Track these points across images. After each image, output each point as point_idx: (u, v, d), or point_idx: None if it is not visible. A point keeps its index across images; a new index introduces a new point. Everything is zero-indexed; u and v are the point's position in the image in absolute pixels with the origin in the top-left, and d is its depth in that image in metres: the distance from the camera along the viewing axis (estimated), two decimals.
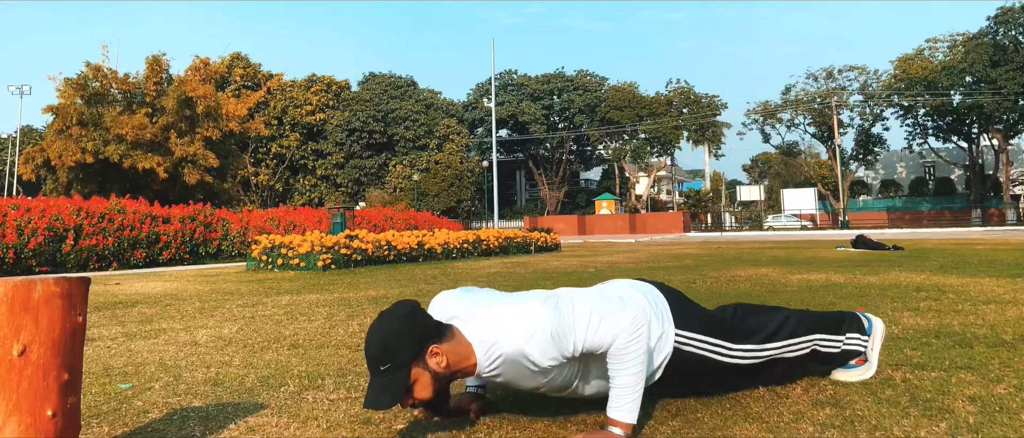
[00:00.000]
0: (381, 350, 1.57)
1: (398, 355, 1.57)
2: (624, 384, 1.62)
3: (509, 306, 1.68)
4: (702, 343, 1.88)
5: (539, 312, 1.63)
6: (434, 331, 1.63)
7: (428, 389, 1.61)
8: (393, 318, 1.61)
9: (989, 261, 7.54)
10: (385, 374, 1.57)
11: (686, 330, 1.87)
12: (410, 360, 1.58)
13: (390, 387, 1.57)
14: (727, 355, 1.90)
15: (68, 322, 1.37)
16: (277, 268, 8.77)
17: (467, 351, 1.64)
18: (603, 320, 1.63)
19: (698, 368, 1.88)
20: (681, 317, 1.89)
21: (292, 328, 3.55)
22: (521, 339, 1.62)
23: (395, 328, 1.59)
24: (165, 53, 23.44)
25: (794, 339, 2.00)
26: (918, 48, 44.73)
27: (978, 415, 1.76)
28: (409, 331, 1.59)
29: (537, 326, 1.61)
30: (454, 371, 1.64)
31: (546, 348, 1.61)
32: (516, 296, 1.75)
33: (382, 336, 1.59)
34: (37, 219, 9.83)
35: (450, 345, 1.63)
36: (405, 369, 1.58)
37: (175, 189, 21.75)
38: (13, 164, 45.33)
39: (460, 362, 1.64)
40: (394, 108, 49.11)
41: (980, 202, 45.62)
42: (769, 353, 1.97)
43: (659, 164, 52.78)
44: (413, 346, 1.58)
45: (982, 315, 3.45)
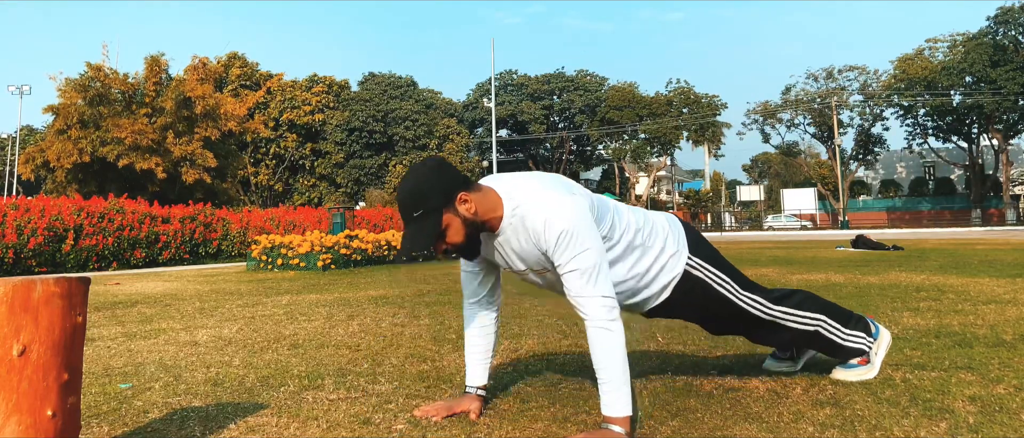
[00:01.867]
0: (413, 196, 1.64)
1: (429, 200, 1.63)
2: (611, 378, 1.63)
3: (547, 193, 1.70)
4: (712, 273, 1.96)
5: (568, 212, 1.66)
6: (463, 181, 1.69)
7: (460, 233, 1.67)
8: (423, 167, 1.68)
9: (989, 261, 7.54)
10: (418, 220, 1.64)
11: (699, 258, 1.96)
12: (441, 205, 1.64)
13: (423, 232, 1.64)
14: (733, 293, 1.97)
15: (68, 322, 1.37)
16: (277, 268, 8.77)
17: (495, 202, 1.71)
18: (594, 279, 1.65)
19: (704, 296, 1.96)
20: (697, 248, 1.97)
21: (292, 328, 3.55)
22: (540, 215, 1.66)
23: (425, 176, 1.66)
24: (164, 53, 23.46)
25: (801, 311, 2.04)
26: (918, 48, 44.74)
27: (978, 415, 1.76)
28: (438, 178, 1.66)
29: (558, 216, 1.65)
30: (483, 220, 1.70)
31: (550, 237, 1.66)
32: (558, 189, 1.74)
33: (414, 183, 1.66)
34: (37, 219, 9.83)
35: (479, 195, 1.69)
36: (437, 214, 1.64)
37: (174, 189, 21.74)
38: (13, 164, 45.32)
39: (488, 211, 1.70)
40: (394, 108, 49.10)
41: (980, 202, 45.62)
42: (774, 314, 2.01)
43: (659, 164, 52.76)
44: (444, 191, 1.65)
45: (982, 315, 3.45)
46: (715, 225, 49.71)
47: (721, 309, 1.99)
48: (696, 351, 2.72)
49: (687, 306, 1.99)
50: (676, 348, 2.79)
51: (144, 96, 22.49)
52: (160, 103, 22.33)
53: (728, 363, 2.47)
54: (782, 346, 2.21)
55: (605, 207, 1.82)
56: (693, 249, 1.96)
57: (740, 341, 2.87)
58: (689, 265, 1.93)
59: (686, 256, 1.93)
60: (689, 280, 1.93)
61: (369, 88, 50.96)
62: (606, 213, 1.81)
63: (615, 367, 1.63)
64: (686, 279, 1.92)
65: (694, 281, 1.93)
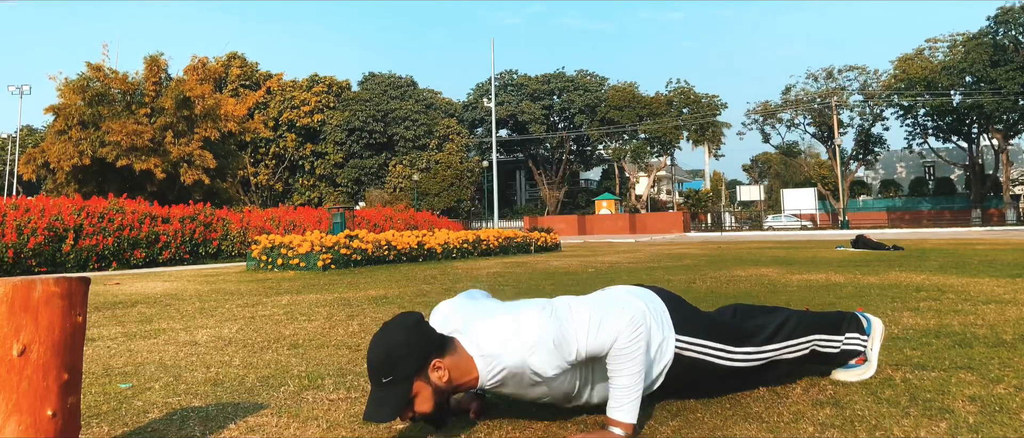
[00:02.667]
0: (384, 362, 1.56)
1: (401, 368, 1.56)
2: (624, 384, 1.62)
3: (509, 316, 1.66)
4: (703, 348, 1.87)
5: (539, 321, 1.62)
6: (437, 345, 1.62)
7: (429, 403, 1.60)
8: (397, 330, 1.60)
9: (989, 261, 7.54)
10: (387, 387, 1.56)
11: (687, 335, 1.86)
12: (413, 374, 1.57)
13: (391, 400, 1.56)
14: (728, 359, 1.90)
15: (68, 322, 1.37)
16: (277, 268, 8.77)
17: (469, 365, 1.63)
18: (603, 322, 1.63)
19: (699, 373, 1.88)
20: (681, 322, 1.88)
21: (292, 328, 3.55)
22: (524, 351, 1.61)
23: (399, 340, 1.58)
24: (163, 53, 23.46)
25: (793, 340, 2.00)
26: (918, 48, 44.74)
27: (978, 415, 1.76)
28: (413, 344, 1.58)
29: (538, 336, 1.60)
30: (456, 385, 1.63)
31: (549, 357, 1.61)
32: (515, 305, 1.74)
33: (386, 348, 1.58)
34: (37, 219, 9.83)
35: (452, 359, 1.62)
36: (407, 383, 1.57)
37: (173, 189, 21.74)
38: (13, 164, 45.32)
39: (462, 376, 1.63)
40: (394, 108, 49.10)
41: (980, 202, 45.62)
42: (769, 355, 1.96)
43: (659, 164, 52.77)
44: (416, 360, 1.57)
45: (982, 315, 3.44)
46: (715, 225, 49.70)
47: (720, 376, 1.92)
48: None
49: (685, 384, 1.90)
50: None
51: (144, 96, 22.49)
52: (160, 103, 22.33)
53: None
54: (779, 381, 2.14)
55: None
56: (678, 327, 1.87)
57: None
58: (678, 347, 1.85)
59: (674, 340, 1.85)
60: (681, 363, 1.85)
61: (369, 88, 50.95)
62: None
63: (631, 374, 1.62)
64: (678, 362, 1.84)
65: (687, 362, 1.85)
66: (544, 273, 7.46)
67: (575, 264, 9.05)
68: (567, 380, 1.69)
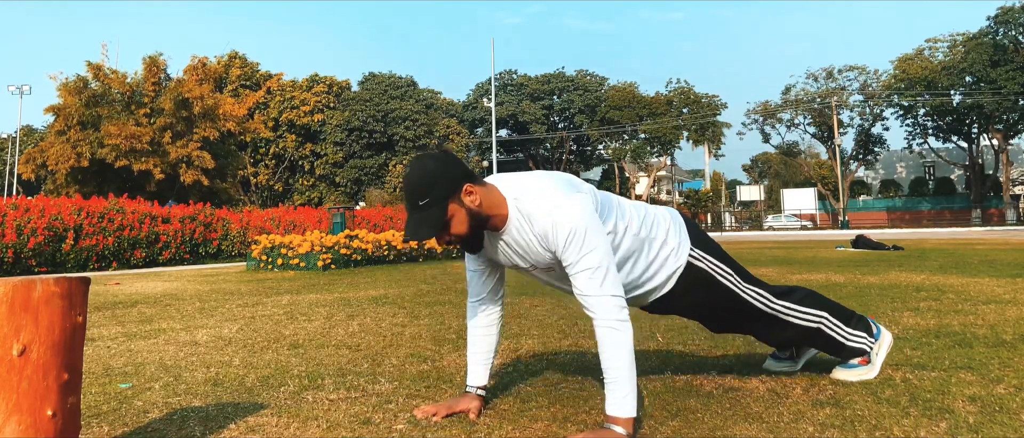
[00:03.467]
0: (420, 184, 1.64)
1: (435, 189, 1.63)
2: (618, 378, 1.62)
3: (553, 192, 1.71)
4: (714, 265, 1.97)
5: (575, 213, 1.66)
6: (469, 174, 1.69)
7: (464, 224, 1.67)
8: (430, 158, 1.68)
9: (989, 261, 7.54)
10: (423, 209, 1.64)
11: (701, 250, 1.96)
12: (447, 195, 1.64)
13: (428, 220, 1.63)
14: (736, 286, 1.98)
15: (68, 322, 1.37)
16: (277, 268, 8.77)
17: (500, 201, 1.71)
18: (604, 280, 1.66)
19: (707, 289, 1.97)
20: (699, 241, 1.98)
21: (292, 328, 3.55)
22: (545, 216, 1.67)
23: (433, 165, 1.66)
24: (162, 53, 23.45)
25: (803, 307, 2.05)
26: (918, 48, 44.72)
27: (978, 415, 1.76)
28: (446, 168, 1.66)
29: (564, 218, 1.65)
30: (487, 214, 1.70)
31: (557, 238, 1.66)
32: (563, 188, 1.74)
33: (421, 171, 1.65)
34: (37, 219, 9.83)
35: (485, 191, 1.70)
36: (442, 203, 1.64)
37: (172, 190, 21.71)
38: (13, 164, 45.31)
39: (493, 207, 1.70)
40: (394, 108, 49.09)
41: (980, 202, 45.61)
42: (778, 308, 2.02)
43: (659, 164, 52.76)
44: (450, 182, 1.65)
45: (982, 315, 3.45)
46: (715, 225, 49.68)
47: (723, 301, 1.99)
48: (696, 351, 2.72)
49: (689, 299, 1.99)
50: (676, 348, 2.79)
51: (143, 96, 22.48)
52: (159, 104, 22.33)
53: (728, 363, 2.46)
54: (783, 344, 2.21)
55: (609, 202, 1.84)
56: (695, 242, 1.97)
57: (740, 341, 2.87)
58: (692, 257, 1.94)
59: (689, 248, 1.94)
60: (692, 272, 1.94)
61: (369, 88, 50.95)
62: (610, 209, 1.82)
63: (623, 367, 1.62)
64: (689, 271, 1.93)
65: (697, 273, 1.94)
66: None
67: None
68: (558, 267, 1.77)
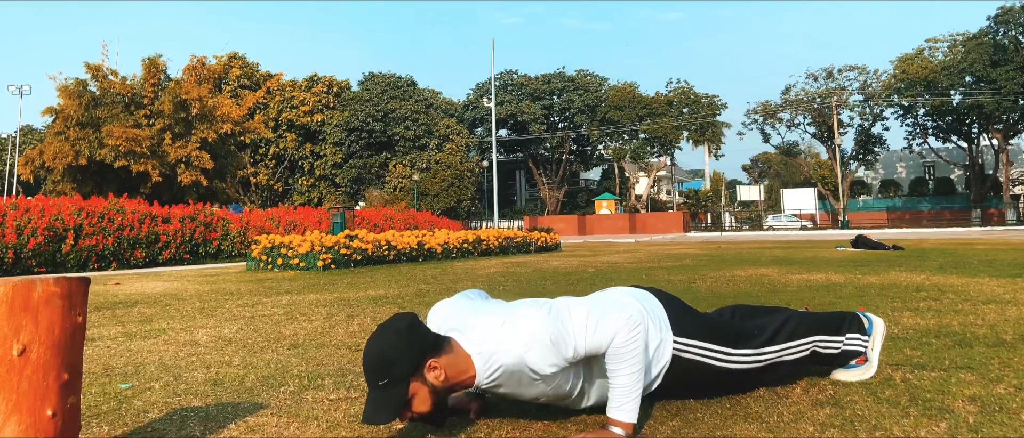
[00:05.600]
0: (379, 365, 1.57)
1: (396, 370, 1.56)
2: (623, 384, 1.62)
3: (507, 315, 1.67)
4: (701, 350, 1.87)
5: (537, 319, 1.62)
6: (432, 345, 1.62)
7: (426, 403, 1.61)
8: (391, 332, 1.60)
9: (989, 261, 7.54)
10: (383, 389, 1.57)
11: (685, 337, 1.86)
12: (408, 374, 1.58)
13: (388, 402, 1.57)
14: (726, 361, 1.89)
15: (68, 322, 1.37)
16: (277, 268, 8.77)
17: (466, 364, 1.64)
18: (601, 321, 1.63)
19: (697, 375, 1.88)
20: (679, 324, 1.88)
21: (292, 328, 3.55)
22: (520, 348, 1.61)
23: (393, 342, 1.58)
24: (161, 54, 23.42)
25: (793, 341, 1.99)
26: (918, 48, 44.74)
27: (978, 415, 1.76)
28: (407, 346, 1.59)
29: (535, 333, 1.60)
30: (453, 384, 1.64)
31: (546, 354, 1.61)
32: (513, 305, 1.74)
33: (379, 350, 1.58)
34: (37, 219, 9.83)
35: (448, 358, 1.62)
36: (403, 383, 1.57)
37: (170, 191, 21.68)
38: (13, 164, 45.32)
39: (458, 375, 1.63)
40: (394, 108, 49.10)
41: (980, 202, 45.62)
42: (769, 357, 1.96)
43: (659, 164, 52.77)
44: (411, 361, 1.58)
45: (982, 315, 3.44)
46: (715, 225, 49.69)
47: (718, 378, 1.91)
48: None
49: (683, 386, 1.91)
50: None
51: (142, 98, 22.47)
52: (158, 106, 22.31)
53: None
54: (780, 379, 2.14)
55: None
56: (676, 328, 1.86)
57: None
58: (676, 350, 1.84)
59: (672, 341, 1.84)
60: (680, 364, 1.84)
61: (369, 88, 50.95)
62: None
63: (631, 372, 1.61)
64: (677, 364, 1.84)
65: (685, 364, 1.85)
66: (544, 273, 7.46)
67: (575, 264, 9.05)
68: (565, 379, 1.69)
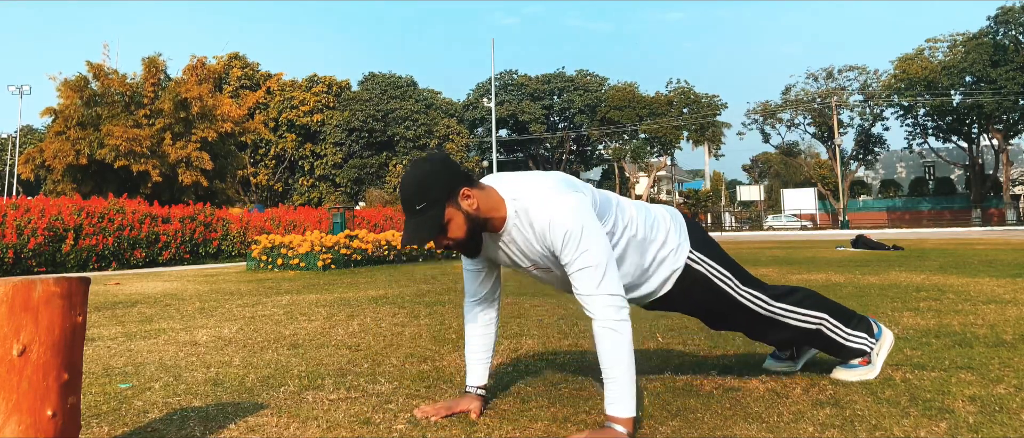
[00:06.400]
0: (417, 189, 1.65)
1: (432, 193, 1.64)
2: (618, 376, 1.63)
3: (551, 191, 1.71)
4: (713, 269, 1.96)
5: (573, 211, 1.66)
6: (466, 177, 1.70)
7: (462, 229, 1.68)
8: (427, 161, 1.69)
9: (989, 261, 7.54)
10: (421, 213, 1.65)
11: (700, 252, 1.96)
12: (444, 199, 1.65)
13: (426, 224, 1.64)
14: (734, 289, 1.97)
15: (68, 322, 1.37)
16: (277, 268, 8.77)
17: (498, 203, 1.72)
18: (603, 279, 1.66)
19: (705, 292, 1.96)
20: (698, 243, 1.98)
21: (292, 328, 3.55)
22: (544, 216, 1.67)
23: (429, 170, 1.67)
24: (161, 53, 23.40)
25: (802, 309, 2.04)
26: (918, 48, 44.73)
27: (978, 415, 1.76)
28: (442, 172, 1.66)
29: (562, 217, 1.66)
30: (485, 217, 1.71)
31: (555, 237, 1.67)
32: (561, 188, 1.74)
33: (418, 175, 1.66)
34: (37, 219, 9.83)
35: (483, 193, 1.71)
36: (439, 207, 1.65)
37: (169, 191, 21.65)
38: (13, 164, 45.32)
39: (491, 210, 1.71)
40: (394, 108, 49.10)
41: (980, 202, 45.61)
42: (775, 311, 2.01)
43: (659, 164, 52.74)
44: (447, 185, 1.66)
45: (982, 315, 3.44)
46: (715, 225, 49.66)
47: (721, 304, 1.99)
48: (696, 351, 2.72)
49: (688, 300, 2.00)
50: (676, 348, 2.79)
51: (142, 97, 22.45)
52: (158, 105, 22.29)
53: (728, 363, 2.46)
54: (783, 345, 2.21)
55: (607, 202, 1.84)
56: (694, 244, 1.96)
57: (740, 341, 2.87)
58: (690, 259, 1.94)
59: (688, 250, 1.94)
60: (690, 274, 1.94)
61: (369, 88, 50.96)
62: (609, 208, 1.82)
63: (622, 366, 1.62)
64: (687, 273, 1.94)
65: (695, 275, 1.94)
66: None
67: None
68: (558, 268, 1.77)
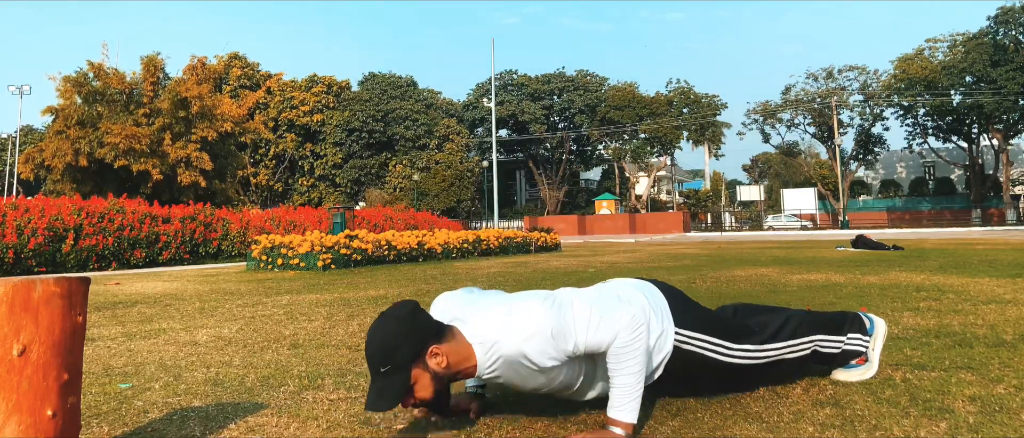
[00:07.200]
0: (381, 351, 1.58)
1: (398, 356, 1.57)
2: (624, 383, 1.62)
3: (509, 306, 1.67)
4: (702, 342, 1.87)
5: (539, 312, 1.62)
6: (434, 332, 1.63)
7: (428, 389, 1.61)
8: (393, 319, 1.61)
9: (989, 261, 7.54)
10: (385, 376, 1.57)
11: (686, 329, 1.86)
12: (410, 361, 1.58)
13: (390, 389, 1.57)
14: (727, 354, 1.89)
15: (68, 322, 1.37)
16: (277, 268, 8.77)
17: (467, 352, 1.64)
18: (603, 319, 1.63)
19: (698, 367, 1.88)
20: (681, 316, 1.88)
21: (292, 328, 3.55)
22: (520, 339, 1.61)
23: (394, 329, 1.59)
24: (160, 53, 23.39)
25: (795, 340, 1.99)
26: (918, 48, 44.75)
27: (978, 415, 1.76)
28: (409, 332, 1.59)
29: (537, 326, 1.61)
30: (454, 372, 1.64)
31: (545, 348, 1.61)
32: (516, 296, 1.75)
33: (382, 337, 1.59)
34: (37, 219, 9.83)
35: (450, 345, 1.63)
36: (405, 370, 1.58)
37: (169, 191, 21.63)
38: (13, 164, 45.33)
39: (460, 363, 1.64)
40: (394, 108, 49.10)
41: (980, 202, 45.62)
42: (769, 354, 1.96)
43: (659, 164, 52.76)
44: (413, 347, 1.58)
45: (982, 315, 3.44)
46: (715, 225, 49.68)
47: (717, 374, 1.92)
48: None
49: (685, 379, 1.91)
50: None
51: (142, 96, 22.44)
52: (157, 104, 22.28)
53: None
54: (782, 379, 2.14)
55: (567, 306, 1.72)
56: (678, 320, 1.87)
57: None
58: (677, 341, 1.85)
59: (673, 332, 1.85)
60: (680, 355, 1.85)
61: (369, 88, 50.97)
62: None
63: (631, 374, 1.61)
64: (677, 355, 1.85)
65: (685, 355, 1.86)
66: (544, 273, 7.46)
67: (575, 264, 9.05)
68: (566, 373, 1.70)
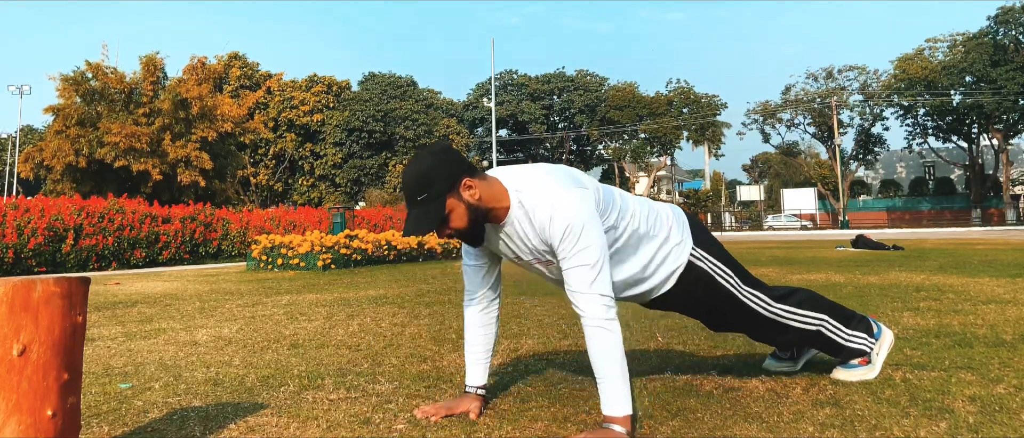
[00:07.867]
0: (417, 181, 1.65)
1: (434, 185, 1.64)
2: (609, 376, 1.63)
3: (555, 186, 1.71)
4: (715, 265, 1.96)
5: (575, 210, 1.66)
6: (468, 167, 1.70)
7: (463, 219, 1.69)
8: (429, 153, 1.69)
9: (989, 261, 7.54)
10: (422, 204, 1.65)
11: (703, 249, 1.96)
12: (446, 191, 1.65)
13: (427, 216, 1.65)
14: (737, 289, 1.97)
15: (68, 322, 1.37)
16: (277, 268, 8.77)
17: (501, 193, 1.72)
18: (596, 279, 1.66)
19: (707, 290, 1.96)
20: (701, 238, 1.98)
21: (292, 328, 3.55)
22: (548, 204, 1.67)
23: (431, 162, 1.67)
24: (159, 52, 23.38)
25: (803, 310, 2.04)
26: (918, 48, 44.72)
27: (978, 415, 1.76)
28: (443, 163, 1.67)
29: (565, 216, 1.65)
30: (487, 207, 1.71)
31: (556, 233, 1.67)
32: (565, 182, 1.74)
33: (418, 169, 1.66)
34: (37, 219, 9.83)
35: (485, 184, 1.70)
36: (441, 199, 1.65)
37: (169, 191, 21.63)
38: (13, 164, 45.33)
39: (493, 201, 1.71)
40: (394, 108, 49.09)
41: (980, 202, 45.61)
42: (777, 312, 2.01)
43: (659, 164, 52.75)
44: (448, 178, 1.66)
45: (982, 315, 3.44)
46: (715, 225, 49.66)
47: (722, 303, 1.99)
48: (696, 351, 2.72)
49: (688, 298, 1.99)
50: (676, 348, 2.79)
51: (141, 96, 22.43)
52: (157, 104, 22.28)
53: (728, 363, 2.46)
54: (783, 346, 2.20)
55: (611, 197, 1.82)
56: (697, 241, 1.96)
57: (740, 341, 2.87)
58: (693, 256, 1.93)
59: (690, 247, 1.93)
60: (692, 272, 1.93)
61: (369, 88, 50.96)
62: (611, 202, 1.81)
63: (613, 366, 1.63)
64: (689, 270, 1.92)
65: (697, 273, 1.93)
66: None
67: None
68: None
